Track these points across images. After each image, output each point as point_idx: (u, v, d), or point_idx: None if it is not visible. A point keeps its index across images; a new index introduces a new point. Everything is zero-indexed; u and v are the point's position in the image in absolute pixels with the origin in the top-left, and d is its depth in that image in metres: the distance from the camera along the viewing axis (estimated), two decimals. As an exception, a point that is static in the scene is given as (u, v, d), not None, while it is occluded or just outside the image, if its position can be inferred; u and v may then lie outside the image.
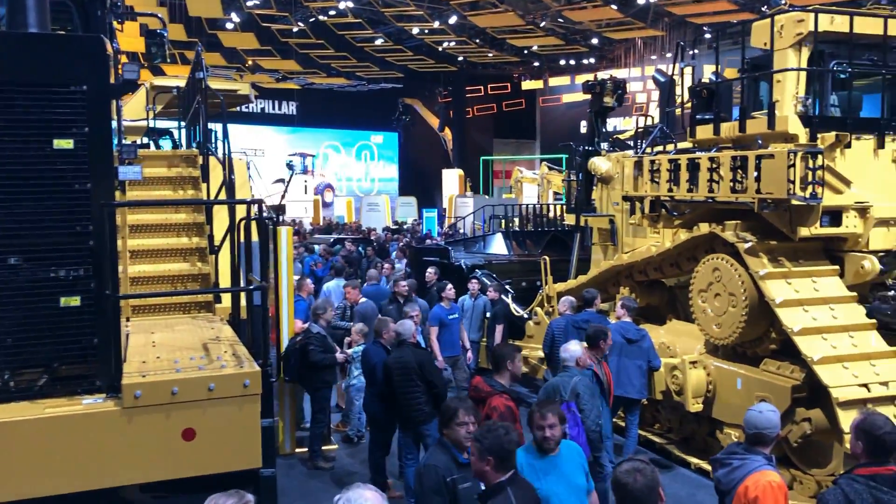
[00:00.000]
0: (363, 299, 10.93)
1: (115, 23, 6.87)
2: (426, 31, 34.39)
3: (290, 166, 20.01)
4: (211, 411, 4.79)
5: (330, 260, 15.59)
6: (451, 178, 39.61)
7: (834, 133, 7.83)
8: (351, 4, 30.15)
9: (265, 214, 6.19)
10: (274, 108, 43.85)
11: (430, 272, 12.27)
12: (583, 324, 9.23)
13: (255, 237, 5.58)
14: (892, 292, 7.79)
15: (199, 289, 7.06)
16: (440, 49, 37.81)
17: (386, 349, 7.97)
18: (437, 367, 8.10)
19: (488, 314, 11.40)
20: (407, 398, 7.31)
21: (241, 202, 5.80)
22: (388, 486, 7.96)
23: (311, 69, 37.98)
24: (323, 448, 9.05)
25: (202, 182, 7.96)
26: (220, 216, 7.01)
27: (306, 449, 9.02)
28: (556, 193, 23.07)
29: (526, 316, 12.01)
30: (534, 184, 30.44)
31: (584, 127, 12.56)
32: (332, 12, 31.42)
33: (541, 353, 10.38)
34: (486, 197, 36.26)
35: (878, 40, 8.25)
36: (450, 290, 10.83)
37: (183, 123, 10.86)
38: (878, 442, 4.09)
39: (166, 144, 15.35)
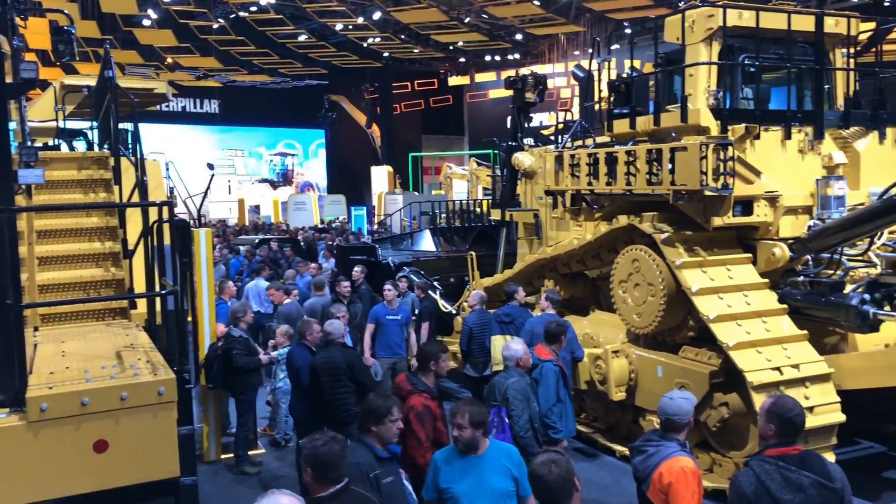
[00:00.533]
0: (287, 300, 10.78)
1: (17, 19, 6.58)
2: (350, 27, 34.17)
3: (210, 166, 19.56)
4: (124, 421, 4.65)
5: (253, 262, 15.34)
6: (380, 176, 39.45)
7: (744, 125, 8.08)
8: (272, 0, 29.70)
9: (181, 216, 6.03)
10: (196, 107, 42.90)
11: (357, 271, 12.20)
12: (504, 317, 9.33)
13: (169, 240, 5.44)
14: (801, 278, 8.08)
15: (108, 295, 6.83)
16: (365, 45, 37.61)
17: (311, 350, 7.87)
18: (366, 367, 8.04)
19: (416, 311, 11.38)
20: (336, 399, 7.17)
21: (152, 204, 5.63)
22: (317, 487, 7.85)
23: (232, 66, 37.28)
24: (250, 453, 8.88)
25: (114, 184, 7.70)
26: (134, 219, 6.81)
27: (232, 455, 8.84)
28: (485, 189, 23.19)
29: (454, 311, 12.05)
30: (463, 180, 30.54)
31: (510, 122, 12.70)
32: (252, 8, 30.90)
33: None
34: (416, 194, 36.23)
35: (783, 35, 8.55)
36: (388, 291, 10.38)
37: (96, 124, 10.50)
38: (789, 423, 4.24)
39: (81, 146, 14.81)
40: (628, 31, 27.88)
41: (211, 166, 19.95)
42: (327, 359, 7.31)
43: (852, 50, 9.28)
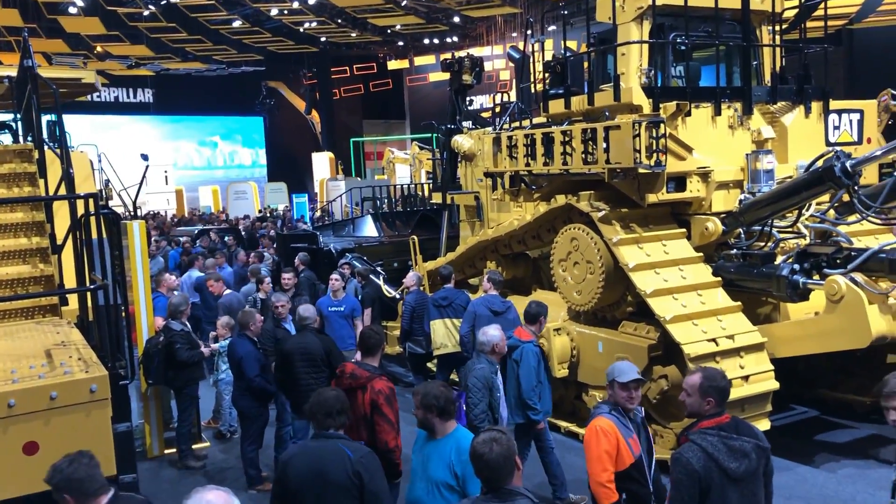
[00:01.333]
0: (228, 291, 10.62)
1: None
2: (285, 12, 33.57)
3: (144, 157, 19.08)
4: (55, 421, 4.52)
5: (192, 252, 15.05)
6: (322, 162, 39.02)
7: (675, 103, 8.20)
8: (204, -15, 29.01)
9: (116, 208, 5.86)
10: (128, 97, 41.69)
11: (298, 260, 12.05)
12: (441, 301, 9.36)
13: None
14: (734, 251, 8.29)
15: (36, 292, 6.60)
16: (301, 30, 37.01)
17: (252, 341, 7.78)
18: (343, 355, 8.03)
19: (359, 297, 11.32)
20: (311, 386, 7.03)
21: (78, 197, 5.46)
22: (264, 478, 7.80)
23: (164, 54, 36.31)
24: (194, 447, 8.76)
25: (39, 178, 7.43)
26: (62, 213, 6.59)
27: (176, 450, 8.70)
28: (428, 173, 23.13)
29: (398, 296, 12.02)
30: (406, 164, 30.41)
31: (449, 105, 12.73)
32: (183, -6, 30.14)
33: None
34: (359, 179, 35.97)
35: (711, 13, 8.70)
36: (334, 280, 10.06)
37: (20, 116, 10.11)
38: (724, 392, 4.37)
39: (7, 138, 14.26)
40: (565, 12, 28.09)
41: (145, 157, 19.40)
42: (303, 344, 7.32)
43: (778, 27, 9.49)
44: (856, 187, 7.06)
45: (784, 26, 10.01)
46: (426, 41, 42.27)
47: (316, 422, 4.64)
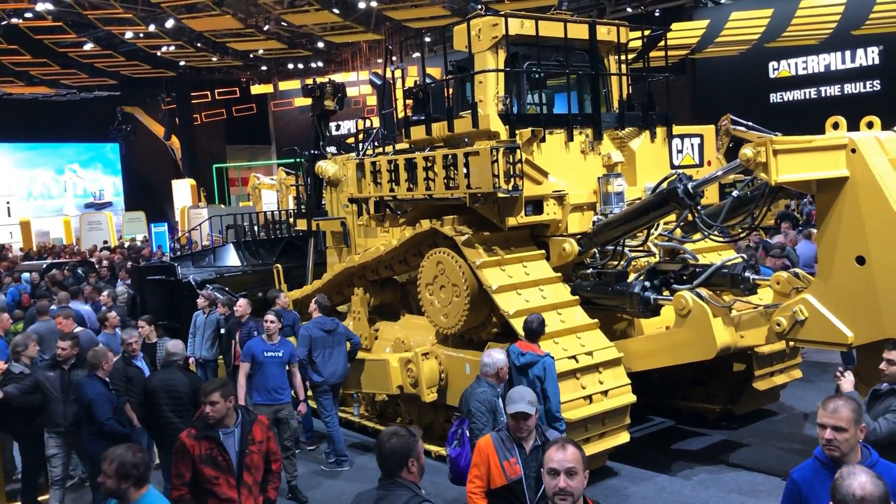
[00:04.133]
0: (79, 328, 9.98)
1: None
2: (140, 35, 32.34)
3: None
4: None
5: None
6: (183, 189, 37.69)
7: (530, 129, 8.48)
8: (50, 7, 27.47)
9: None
10: (-32, 123, 38.73)
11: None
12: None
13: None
14: (590, 270, 8.62)
15: None
16: (158, 54, 35.75)
17: (104, 382, 7.34)
18: None
19: (223, 330, 10.92)
20: (174, 424, 6.91)
21: None
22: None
23: (5, 78, 34.09)
24: (39, 499, 8.12)
25: None
26: None
27: (19, 503, 8.05)
28: (296, 199, 22.79)
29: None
30: (273, 190, 29.84)
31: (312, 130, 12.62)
32: (28, 15, 28.43)
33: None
34: (223, 207, 34.95)
35: (561, 42, 9.08)
36: (270, 321, 8.43)
37: None
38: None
39: None
40: (428, 39, 28.59)
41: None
42: (169, 381, 7.13)
43: (624, 57, 10.03)
44: (698, 207, 7.51)
45: (631, 56, 10.59)
46: (290, 66, 41.90)
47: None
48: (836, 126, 6.64)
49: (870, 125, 6.83)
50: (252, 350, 8.31)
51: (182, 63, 38.77)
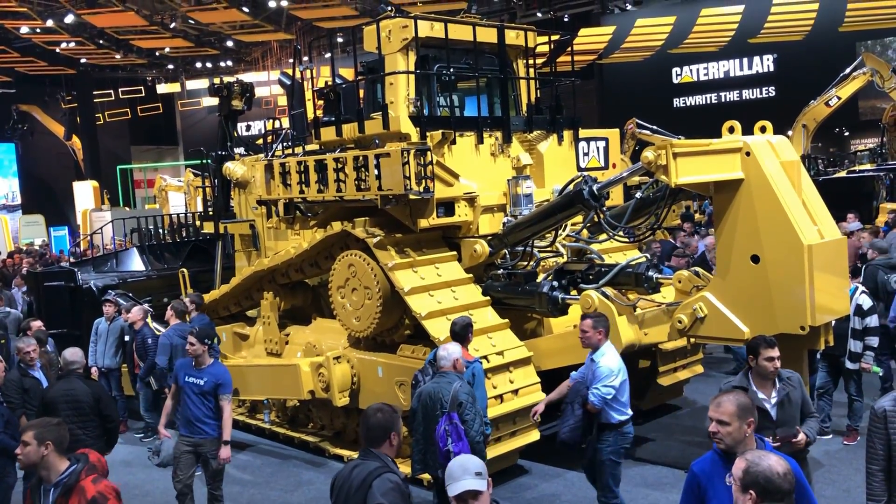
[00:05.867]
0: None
1: None
2: (37, 31, 30.91)
3: None
4: None
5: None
6: (85, 191, 36.17)
7: (441, 131, 8.52)
8: (-64, -2, 25.99)
9: None
10: None
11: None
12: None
13: None
14: (501, 271, 8.72)
15: None
16: (57, 51, 34.24)
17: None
18: (113, 400, 7.60)
19: (127, 337, 10.53)
20: (78, 435, 6.57)
21: None
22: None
23: None
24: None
25: None
26: None
27: None
28: (203, 201, 22.22)
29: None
30: (180, 192, 29.03)
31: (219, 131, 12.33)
32: (-89, 6, 26.81)
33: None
34: (127, 209, 33.76)
35: (471, 46, 9.16)
36: (192, 343, 7.19)
37: None
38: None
39: None
40: (340, 39, 28.35)
41: None
42: (69, 390, 6.85)
43: (532, 61, 10.19)
44: (603, 209, 7.71)
45: (539, 61, 10.76)
46: (198, 65, 40.85)
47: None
48: (731, 130, 6.91)
49: (763, 129, 7.15)
50: (176, 371, 7.40)
51: (83, 60, 37.26)
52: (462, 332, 7.09)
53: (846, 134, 32.09)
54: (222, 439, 7.07)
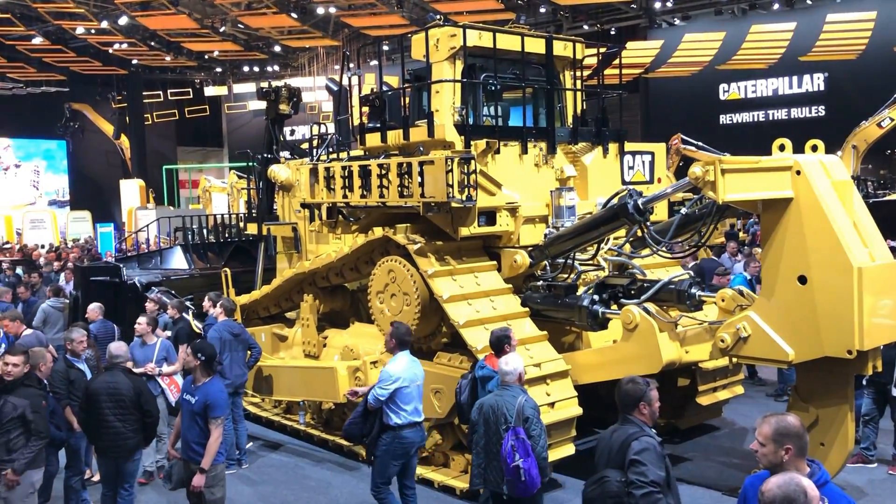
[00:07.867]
0: (28, 331, 9.67)
1: None
2: (92, 31, 31.68)
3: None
4: None
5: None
6: (131, 189, 36.94)
7: (485, 140, 8.52)
8: (-2, -2, 26.80)
9: None
10: None
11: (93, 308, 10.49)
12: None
13: None
14: (540, 282, 8.67)
15: None
16: (110, 51, 35.06)
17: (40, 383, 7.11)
18: (153, 396, 7.69)
19: (168, 332, 10.68)
20: (116, 428, 6.80)
21: None
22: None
23: (-51, 68, 33.11)
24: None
25: None
26: None
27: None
28: (247, 202, 22.53)
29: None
30: (223, 193, 29.50)
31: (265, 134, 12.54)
32: (-27, 5, 27.68)
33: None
34: (171, 209, 34.37)
35: (518, 56, 9.16)
36: (187, 356, 6.78)
37: None
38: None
39: None
40: (386, 47, 28.59)
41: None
42: (112, 383, 6.90)
43: (578, 73, 10.15)
44: (647, 223, 7.62)
45: (586, 73, 10.70)
46: (246, 69, 41.50)
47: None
48: (782, 148, 6.80)
49: (814, 148, 7.01)
50: (183, 387, 6.93)
51: (134, 61, 38.10)
52: (496, 344, 6.99)
53: (897, 156, 31.41)
54: (202, 466, 6.31)
